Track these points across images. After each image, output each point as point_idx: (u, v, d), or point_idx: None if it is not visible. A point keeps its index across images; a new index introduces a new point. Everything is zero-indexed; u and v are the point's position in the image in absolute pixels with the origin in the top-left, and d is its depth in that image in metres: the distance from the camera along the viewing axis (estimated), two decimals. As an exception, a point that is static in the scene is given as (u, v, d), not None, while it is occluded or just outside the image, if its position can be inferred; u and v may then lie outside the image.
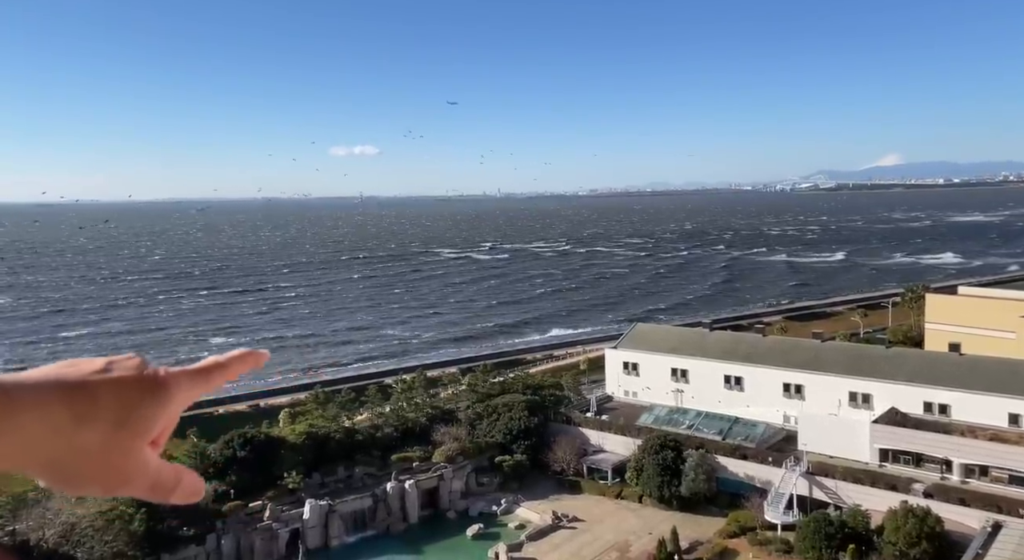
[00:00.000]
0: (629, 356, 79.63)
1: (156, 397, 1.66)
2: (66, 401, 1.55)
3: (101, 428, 1.57)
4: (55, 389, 1.56)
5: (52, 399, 1.54)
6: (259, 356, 2.02)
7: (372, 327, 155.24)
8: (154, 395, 1.66)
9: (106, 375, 1.63)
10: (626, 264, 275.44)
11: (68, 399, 1.55)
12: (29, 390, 1.53)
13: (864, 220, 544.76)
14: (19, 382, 1.55)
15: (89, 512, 47.54)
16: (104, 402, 1.59)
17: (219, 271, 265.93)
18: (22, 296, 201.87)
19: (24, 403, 1.50)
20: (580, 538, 56.32)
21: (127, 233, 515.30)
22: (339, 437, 66.32)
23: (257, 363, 2.01)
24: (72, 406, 1.55)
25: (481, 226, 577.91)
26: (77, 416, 1.54)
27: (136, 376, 1.67)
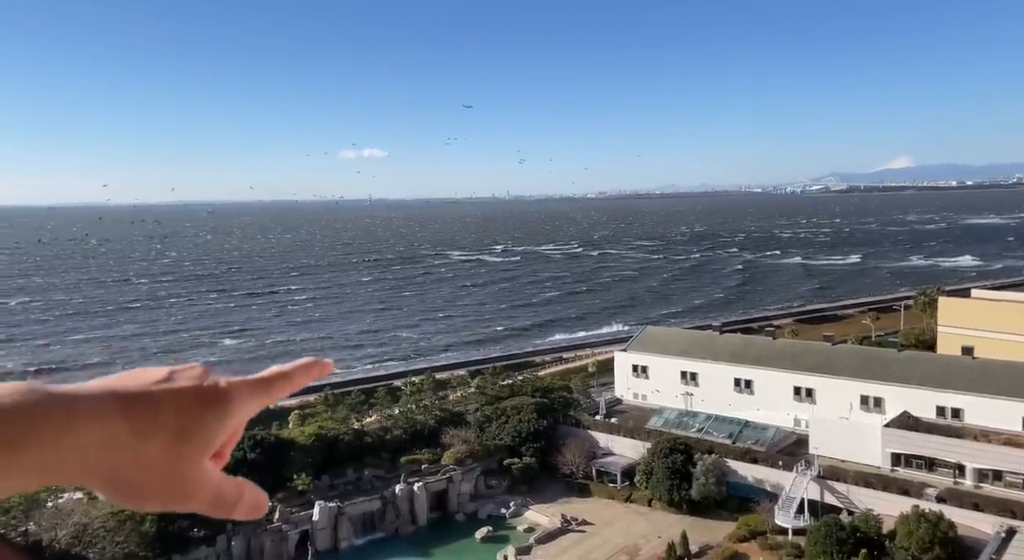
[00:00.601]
0: (638, 359, 79.37)
1: (218, 409, 1.59)
2: (127, 413, 1.48)
3: (163, 441, 1.50)
4: (116, 400, 1.49)
5: (113, 411, 1.48)
6: (324, 366, 1.90)
7: (382, 329, 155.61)
8: (216, 407, 1.59)
9: (168, 385, 1.57)
10: (636, 267, 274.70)
11: (129, 411, 1.49)
12: (90, 402, 1.47)
13: (878, 222, 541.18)
14: (79, 394, 1.48)
15: (101, 512, 47.87)
16: (166, 414, 1.52)
17: (229, 273, 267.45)
18: (35, 298, 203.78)
19: (85, 416, 1.44)
20: (589, 541, 56.15)
21: (141, 235, 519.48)
22: (348, 439, 66.45)
23: (322, 373, 1.90)
24: (133, 418, 1.48)
25: (491, 228, 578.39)
26: (138, 429, 1.48)
27: (198, 387, 1.60)
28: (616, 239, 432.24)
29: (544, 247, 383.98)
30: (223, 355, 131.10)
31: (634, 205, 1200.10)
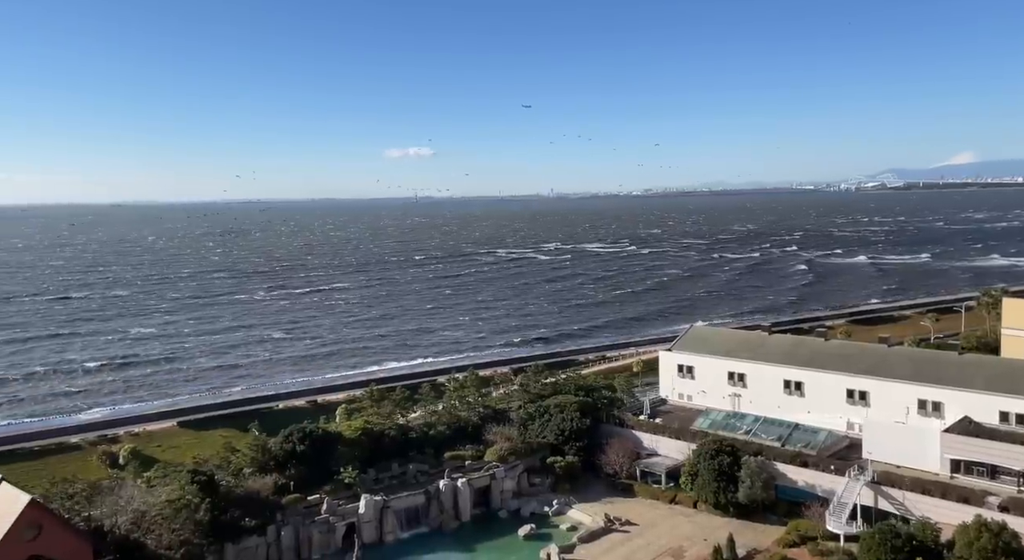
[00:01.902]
0: (684, 359, 78.20)
1: None
2: None
3: None
4: None
5: None
6: None
7: (426, 326, 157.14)
8: None
9: None
10: (691, 265, 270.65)
11: None
12: None
13: (946, 220, 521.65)
14: None
15: (158, 501, 49.59)
16: None
17: (278, 271, 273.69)
18: (97, 295, 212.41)
19: None
20: (633, 542, 55.55)
21: (201, 231, 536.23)
22: (393, 434, 67.29)
23: None
24: None
25: (539, 226, 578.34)
26: None
27: None
28: (665, 237, 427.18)
29: (593, 245, 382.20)
30: (275, 351, 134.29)
31: (680, 203, 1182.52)
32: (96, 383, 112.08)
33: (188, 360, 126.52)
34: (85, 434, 79.37)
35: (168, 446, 77.71)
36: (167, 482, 53.78)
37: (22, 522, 39.62)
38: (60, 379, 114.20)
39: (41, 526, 40.57)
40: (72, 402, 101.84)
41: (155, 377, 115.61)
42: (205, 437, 79.30)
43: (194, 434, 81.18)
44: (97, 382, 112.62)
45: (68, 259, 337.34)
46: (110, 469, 68.68)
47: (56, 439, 77.59)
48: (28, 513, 39.95)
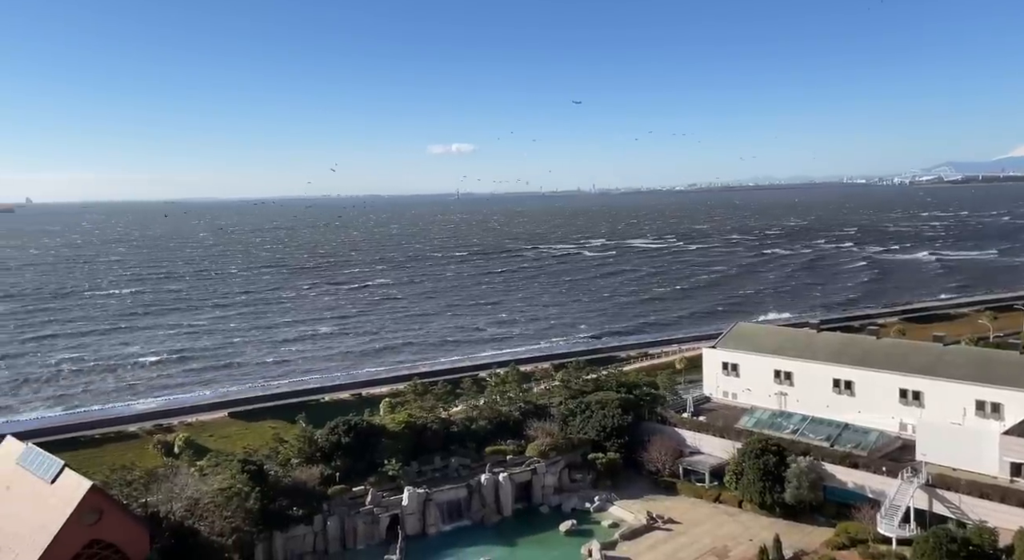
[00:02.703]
0: (729, 356, 76.94)
1: None
2: None
3: None
4: None
5: None
6: None
7: (468, 322, 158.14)
8: None
9: None
10: (744, 262, 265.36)
11: None
12: None
13: (1011, 215, 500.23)
14: None
15: (211, 489, 51.22)
16: None
17: (323, 267, 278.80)
18: (151, 289, 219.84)
19: None
20: (676, 540, 55.01)
21: (246, 228, 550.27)
22: (436, 428, 67.99)
23: None
24: None
25: (580, 222, 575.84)
26: None
27: None
28: (711, 233, 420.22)
29: (637, 241, 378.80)
30: (320, 345, 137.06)
31: (725, 198, 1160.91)
32: (152, 374, 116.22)
33: (238, 353, 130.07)
34: (142, 423, 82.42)
35: (219, 436, 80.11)
36: (219, 471, 55.42)
37: (84, 507, 41.37)
38: (118, 370, 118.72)
39: (102, 511, 42.29)
40: (130, 392, 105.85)
41: (207, 369, 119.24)
42: (254, 428, 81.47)
43: (244, 425, 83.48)
44: (153, 373, 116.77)
45: (123, 254, 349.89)
46: (165, 457, 71.19)
47: (115, 428, 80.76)
48: (90, 498, 41.68)
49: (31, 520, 42.35)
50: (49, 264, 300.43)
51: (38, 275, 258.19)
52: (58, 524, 40.67)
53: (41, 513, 42.27)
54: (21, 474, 46.00)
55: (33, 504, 43.43)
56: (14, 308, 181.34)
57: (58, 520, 40.88)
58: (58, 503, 41.96)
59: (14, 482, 46.10)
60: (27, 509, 43.44)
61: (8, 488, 46.15)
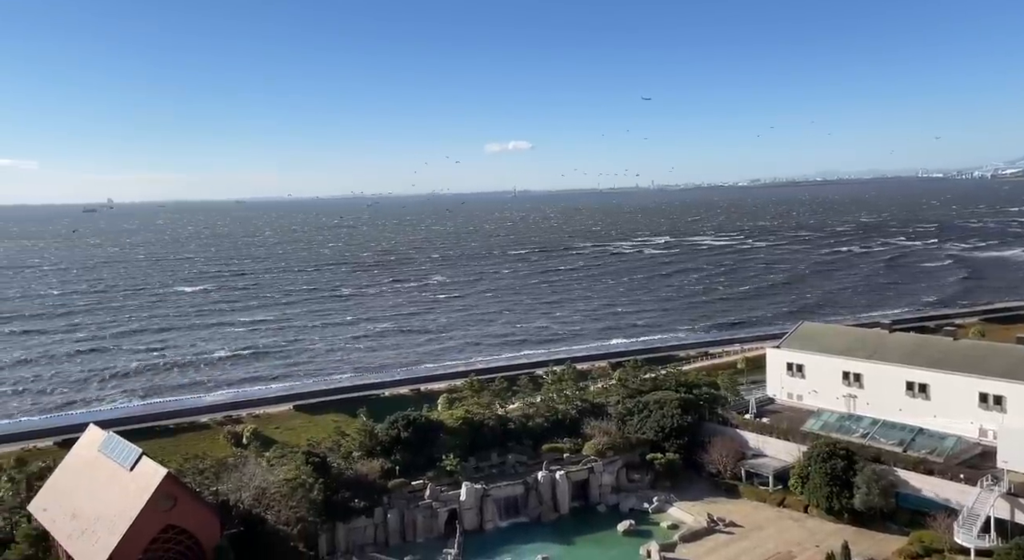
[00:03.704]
0: (794, 357, 74.60)
1: None
2: None
3: None
4: None
5: None
6: None
7: (525, 319, 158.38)
8: None
9: None
10: (805, 260, 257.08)
11: None
12: None
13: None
14: None
15: (277, 479, 52.99)
16: None
17: (383, 265, 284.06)
18: (219, 286, 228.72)
19: None
20: (738, 544, 53.74)
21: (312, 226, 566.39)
22: (492, 424, 68.39)
23: None
24: None
25: (639, 219, 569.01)
26: None
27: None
28: (777, 229, 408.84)
29: (699, 238, 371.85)
30: (380, 341, 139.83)
31: (791, 194, 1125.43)
32: (222, 368, 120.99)
33: (302, 348, 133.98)
34: (213, 414, 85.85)
35: (285, 428, 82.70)
36: (284, 462, 57.23)
37: (160, 493, 43.43)
38: (191, 364, 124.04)
39: (176, 498, 44.30)
40: (201, 385, 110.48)
41: (273, 363, 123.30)
42: (318, 421, 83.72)
43: (308, 417, 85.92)
44: (223, 367, 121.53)
45: (194, 252, 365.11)
46: (234, 447, 73.97)
47: (188, 419, 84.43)
48: (165, 485, 43.72)
49: (112, 504, 44.73)
50: (126, 262, 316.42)
51: (117, 272, 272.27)
52: (136, 509, 42.81)
53: (121, 498, 44.59)
54: (103, 461, 48.63)
55: (113, 489, 45.86)
56: (96, 303, 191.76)
57: (136, 505, 43.03)
58: (136, 489, 44.16)
59: (96, 468, 48.80)
60: (108, 494, 45.91)
61: (91, 473, 48.90)
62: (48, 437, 76.09)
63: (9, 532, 50.28)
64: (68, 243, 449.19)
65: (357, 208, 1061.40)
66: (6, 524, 51.51)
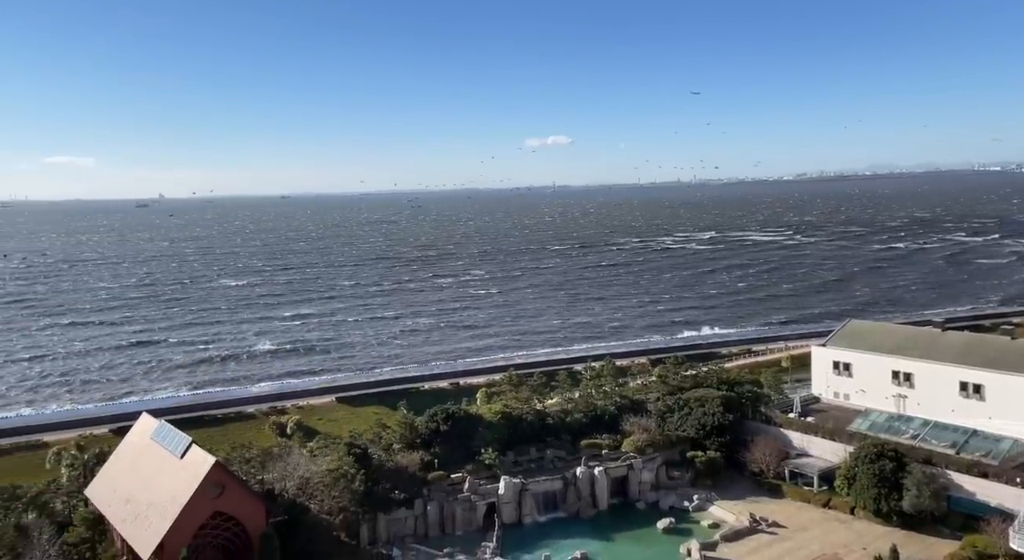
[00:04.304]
0: (840, 355, 72.80)
1: None
2: None
3: None
4: None
5: None
6: None
7: (564, 314, 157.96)
8: None
9: None
10: (856, 257, 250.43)
11: None
12: None
13: None
14: None
15: (320, 469, 54.06)
16: None
17: (424, 260, 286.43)
18: (265, 280, 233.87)
19: None
20: (781, 545, 52.76)
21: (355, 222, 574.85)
22: (531, 419, 68.48)
23: None
24: None
25: (680, 214, 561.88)
26: None
27: None
28: (825, 225, 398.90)
29: (743, 233, 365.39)
30: (420, 335, 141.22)
31: (839, 188, 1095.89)
32: (267, 360, 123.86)
33: (344, 342, 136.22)
34: (259, 405, 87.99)
35: (328, 419, 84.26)
36: (327, 453, 58.31)
37: (209, 481, 44.70)
38: (238, 356, 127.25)
39: (224, 486, 45.54)
40: (248, 376, 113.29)
41: (316, 356, 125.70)
42: (359, 412, 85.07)
43: (350, 409, 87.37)
44: (268, 359, 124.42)
45: (240, 246, 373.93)
46: (279, 438, 75.72)
47: (235, 409, 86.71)
48: (213, 473, 44.99)
49: (163, 491, 46.25)
50: (176, 256, 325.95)
51: (167, 266, 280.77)
52: (186, 496, 44.17)
53: (172, 485, 46.06)
54: (155, 448, 50.30)
55: (165, 476, 47.41)
56: (147, 297, 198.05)
57: (186, 492, 44.40)
58: (186, 476, 45.56)
59: (149, 455, 50.50)
60: (160, 480, 47.48)
61: (144, 460, 50.63)
62: (103, 424, 79.05)
63: (68, 515, 52.46)
64: (120, 237, 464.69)
65: (398, 203, 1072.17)
66: (65, 507, 53.75)
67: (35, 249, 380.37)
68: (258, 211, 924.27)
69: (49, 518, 51.00)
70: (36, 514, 51.75)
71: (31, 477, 61.83)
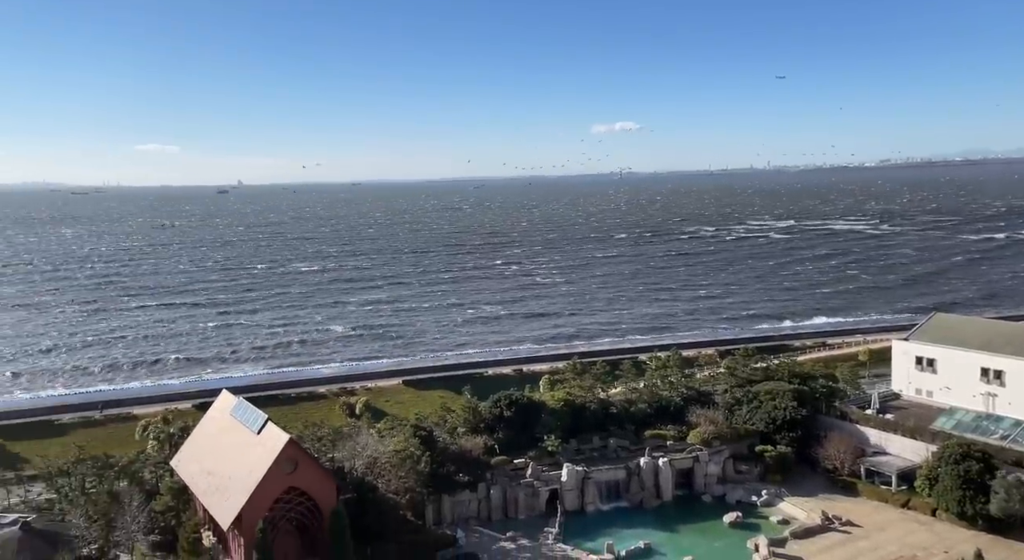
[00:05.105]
0: (924, 350, 69.23)
1: None
2: None
3: None
4: None
5: None
6: None
7: (629, 304, 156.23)
8: None
9: None
10: (943, 248, 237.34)
11: None
12: None
13: None
14: None
15: (388, 450, 55.46)
16: None
17: (488, 247, 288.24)
18: (336, 266, 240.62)
19: None
20: (856, 544, 50.86)
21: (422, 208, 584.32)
22: (594, 408, 68.17)
23: None
24: None
25: (754, 202, 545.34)
26: None
27: None
28: (912, 214, 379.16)
29: (825, 222, 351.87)
30: (483, 321, 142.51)
31: (927, 175, 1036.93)
32: (338, 342, 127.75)
33: (411, 326, 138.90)
34: (329, 385, 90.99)
35: (395, 401, 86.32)
36: (394, 434, 59.74)
37: (283, 457, 46.44)
38: (311, 338, 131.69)
39: (297, 462, 47.23)
40: (319, 357, 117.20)
41: (384, 339, 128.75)
42: (425, 396, 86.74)
43: (416, 392, 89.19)
44: (339, 341, 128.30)
45: (312, 232, 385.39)
46: (348, 418, 78.05)
47: (307, 388, 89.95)
48: (288, 450, 46.71)
49: (241, 465, 48.40)
50: (252, 240, 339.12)
51: (244, 250, 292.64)
52: (262, 470, 46.05)
53: (249, 460, 48.15)
54: (233, 424, 52.67)
55: (242, 451, 49.60)
56: (226, 279, 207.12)
57: (262, 467, 46.29)
58: (262, 452, 47.50)
59: (228, 430, 52.94)
60: (238, 455, 49.72)
61: (224, 435, 53.15)
62: (187, 400, 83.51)
63: (155, 484, 55.76)
64: (201, 222, 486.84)
65: (463, 190, 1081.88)
66: (152, 477, 57.13)
67: (122, 232, 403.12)
68: (330, 197, 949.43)
69: (138, 486, 54.35)
70: (127, 482, 55.21)
71: (122, 447, 66.01)
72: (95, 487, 54.72)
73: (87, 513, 49.66)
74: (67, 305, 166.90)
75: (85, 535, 48.81)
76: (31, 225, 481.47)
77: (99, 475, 55.83)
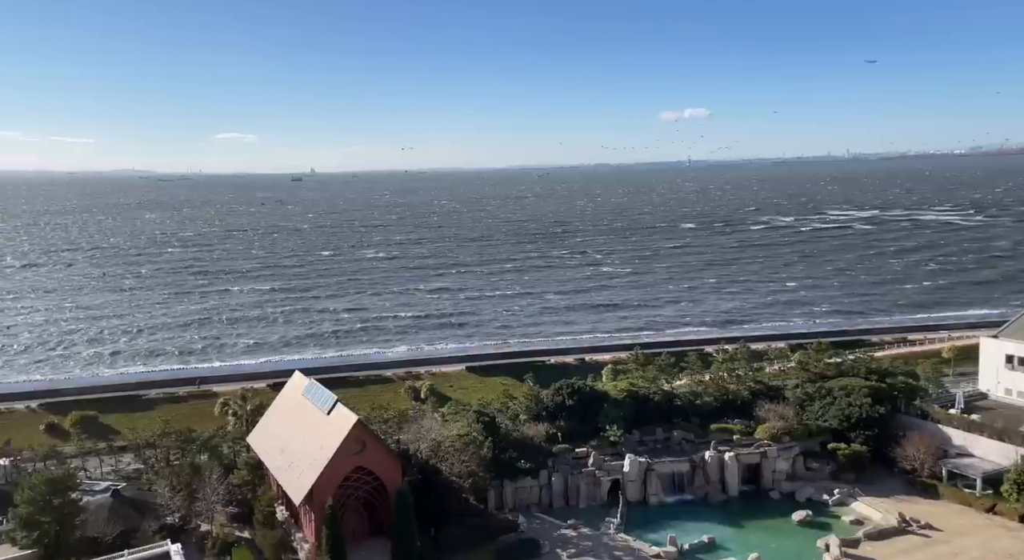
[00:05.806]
0: (1016, 348, 65.19)
1: None
2: None
3: None
4: None
5: None
6: None
7: (693, 294, 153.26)
8: None
9: None
10: None
11: None
12: None
13: None
14: None
15: (451, 434, 56.34)
16: None
17: (552, 236, 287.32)
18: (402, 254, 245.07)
19: None
20: (935, 549, 48.49)
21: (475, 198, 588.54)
22: (658, 399, 67.15)
23: None
24: None
25: (830, 190, 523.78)
26: None
27: None
28: (997, 204, 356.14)
29: (907, 212, 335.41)
30: (546, 310, 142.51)
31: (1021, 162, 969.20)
32: (403, 327, 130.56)
33: (474, 312, 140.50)
34: (395, 369, 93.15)
35: (458, 387, 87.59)
36: (458, 419, 60.63)
37: (352, 437, 47.92)
38: (378, 322, 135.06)
39: (365, 443, 48.66)
40: (386, 342, 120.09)
41: (448, 326, 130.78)
42: (487, 382, 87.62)
43: (478, 379, 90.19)
44: (404, 326, 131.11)
45: (380, 219, 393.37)
46: (413, 401, 79.71)
47: (374, 372, 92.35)
48: (356, 431, 48.16)
49: (312, 443, 50.21)
50: (323, 227, 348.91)
51: (316, 237, 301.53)
52: (332, 449, 47.66)
53: (319, 438, 49.90)
54: (305, 404, 54.64)
55: (314, 430, 51.43)
56: (298, 265, 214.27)
57: (332, 446, 47.90)
58: (332, 431, 49.13)
59: (300, 410, 54.98)
60: (309, 433, 51.59)
61: (296, 414, 55.22)
62: (262, 380, 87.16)
63: (232, 459, 58.53)
64: (274, 209, 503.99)
65: (527, 179, 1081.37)
66: (230, 451, 59.98)
67: (205, 217, 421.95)
68: (396, 186, 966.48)
69: (217, 460, 57.15)
70: (207, 456, 58.16)
71: (202, 423, 69.51)
72: (178, 459, 57.85)
73: (171, 484, 52.61)
74: (149, 290, 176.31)
75: (169, 504, 51.74)
76: (119, 210, 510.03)
77: (182, 448, 59.01)
